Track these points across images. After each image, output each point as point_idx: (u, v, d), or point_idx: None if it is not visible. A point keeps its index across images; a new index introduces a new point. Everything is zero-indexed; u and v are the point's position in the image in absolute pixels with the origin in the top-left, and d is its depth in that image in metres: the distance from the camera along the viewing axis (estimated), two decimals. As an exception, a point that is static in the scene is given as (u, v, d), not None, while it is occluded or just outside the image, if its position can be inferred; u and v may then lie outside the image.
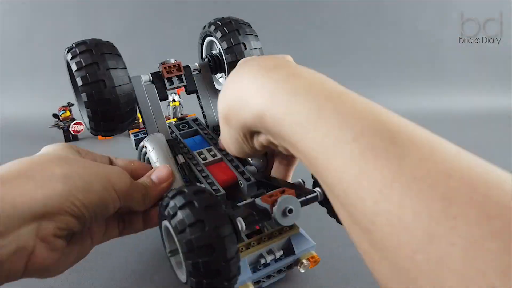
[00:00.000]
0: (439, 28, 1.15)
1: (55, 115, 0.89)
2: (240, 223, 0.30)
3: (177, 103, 0.81)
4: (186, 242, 0.28)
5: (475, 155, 0.17)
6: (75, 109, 0.91)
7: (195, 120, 0.59)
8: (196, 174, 0.45)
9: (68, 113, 0.89)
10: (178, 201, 0.29)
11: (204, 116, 0.56)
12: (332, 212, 0.39)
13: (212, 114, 0.55)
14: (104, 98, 0.41)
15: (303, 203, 0.35)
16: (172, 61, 0.53)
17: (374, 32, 1.16)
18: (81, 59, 0.41)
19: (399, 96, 1.13)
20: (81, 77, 0.40)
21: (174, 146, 0.48)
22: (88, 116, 0.42)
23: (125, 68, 0.43)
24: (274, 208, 0.32)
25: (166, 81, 0.52)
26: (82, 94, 0.40)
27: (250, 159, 0.46)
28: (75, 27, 1.16)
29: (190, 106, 0.76)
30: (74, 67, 0.41)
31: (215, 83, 0.58)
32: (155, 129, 0.50)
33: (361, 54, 1.17)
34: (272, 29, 1.14)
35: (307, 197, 0.35)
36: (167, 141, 0.49)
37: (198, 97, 0.56)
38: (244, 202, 0.36)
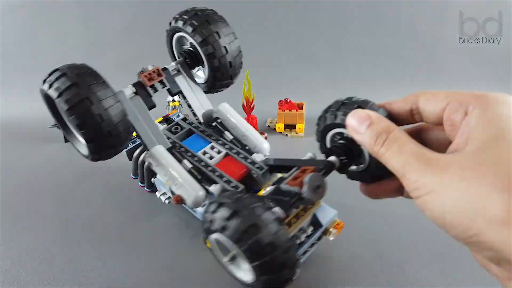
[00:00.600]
0: (438, 28, 1.15)
1: (54, 115, 0.89)
2: (281, 211, 0.33)
3: (176, 103, 0.81)
4: (249, 246, 0.30)
5: None
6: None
7: (184, 119, 0.58)
8: (208, 175, 0.46)
9: (67, 113, 0.89)
10: (225, 212, 0.32)
11: (194, 114, 0.56)
12: (350, 174, 0.41)
13: (203, 109, 0.55)
14: (104, 132, 0.40)
15: (325, 175, 0.37)
16: (150, 67, 0.51)
17: (373, 32, 1.16)
18: (71, 96, 0.39)
19: (399, 95, 1.13)
20: (76, 116, 0.39)
21: (175, 154, 0.48)
22: (90, 150, 0.42)
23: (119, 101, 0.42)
24: (303, 188, 0.34)
25: (149, 89, 0.51)
26: (81, 132, 0.40)
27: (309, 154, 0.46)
28: (75, 27, 1.16)
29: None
30: (64, 107, 0.39)
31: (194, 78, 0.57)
32: (153, 142, 0.49)
33: (360, 54, 1.17)
34: (272, 29, 1.14)
35: (327, 168, 0.37)
36: (168, 150, 0.48)
37: (184, 97, 0.55)
38: (269, 190, 0.38)
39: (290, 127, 0.93)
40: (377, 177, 0.40)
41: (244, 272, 0.36)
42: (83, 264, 0.49)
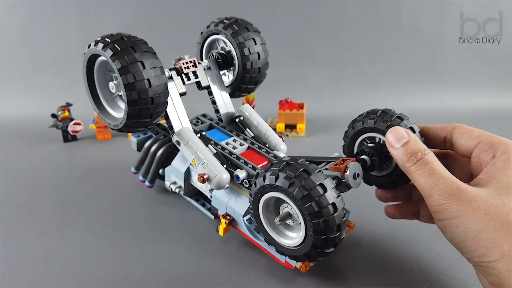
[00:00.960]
0: (439, 28, 1.15)
1: (53, 115, 0.89)
2: (332, 182, 0.36)
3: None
4: (315, 203, 0.33)
5: None
6: (74, 109, 0.91)
7: (204, 115, 0.61)
8: (233, 161, 0.48)
9: (67, 113, 0.89)
10: (291, 171, 0.35)
11: (217, 111, 0.60)
12: (369, 178, 0.46)
13: (226, 109, 0.59)
14: (148, 98, 0.44)
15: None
16: (187, 57, 0.55)
17: (374, 32, 1.16)
18: (134, 74, 0.42)
19: (399, 95, 1.13)
20: (127, 77, 0.42)
21: (202, 138, 0.51)
22: (128, 115, 0.44)
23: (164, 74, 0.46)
24: (346, 173, 0.38)
25: (183, 76, 0.54)
26: (127, 93, 0.42)
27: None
28: (74, 27, 1.16)
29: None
30: (117, 65, 0.42)
31: None
32: (180, 124, 0.52)
33: (361, 54, 1.17)
34: (272, 29, 1.14)
35: (361, 163, 0.41)
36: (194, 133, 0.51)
37: (210, 93, 0.59)
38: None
39: (291, 127, 0.93)
40: (396, 184, 0.45)
41: (289, 236, 0.40)
42: (83, 264, 0.49)
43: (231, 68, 0.60)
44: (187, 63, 0.54)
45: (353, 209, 0.55)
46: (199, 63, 0.57)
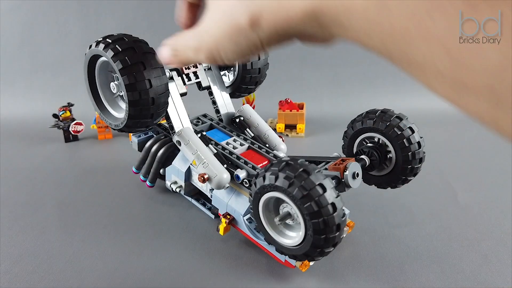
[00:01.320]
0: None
1: (55, 115, 0.89)
2: (331, 182, 0.36)
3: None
4: (314, 203, 0.33)
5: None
6: (75, 109, 0.91)
7: (205, 115, 0.62)
8: (233, 161, 0.49)
9: (68, 113, 0.89)
10: (291, 170, 0.35)
11: (217, 111, 0.60)
12: (369, 178, 0.46)
13: (226, 110, 0.60)
14: (149, 98, 0.44)
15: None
16: None
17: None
18: (134, 74, 0.42)
19: (399, 95, 1.13)
20: (128, 77, 0.42)
21: (202, 138, 0.51)
22: (129, 115, 0.44)
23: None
24: (345, 173, 0.39)
25: (184, 77, 0.55)
26: (128, 93, 0.43)
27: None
28: (75, 27, 1.16)
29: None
30: (118, 66, 0.42)
31: None
32: (181, 124, 0.52)
33: (360, 54, 1.17)
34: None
35: (360, 163, 0.42)
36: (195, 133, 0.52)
37: (210, 93, 0.59)
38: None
39: (291, 127, 0.93)
40: (395, 184, 0.45)
41: (289, 236, 0.40)
42: (83, 264, 0.49)
43: (231, 68, 0.61)
44: None
45: (353, 208, 0.55)
46: (199, 63, 0.57)
